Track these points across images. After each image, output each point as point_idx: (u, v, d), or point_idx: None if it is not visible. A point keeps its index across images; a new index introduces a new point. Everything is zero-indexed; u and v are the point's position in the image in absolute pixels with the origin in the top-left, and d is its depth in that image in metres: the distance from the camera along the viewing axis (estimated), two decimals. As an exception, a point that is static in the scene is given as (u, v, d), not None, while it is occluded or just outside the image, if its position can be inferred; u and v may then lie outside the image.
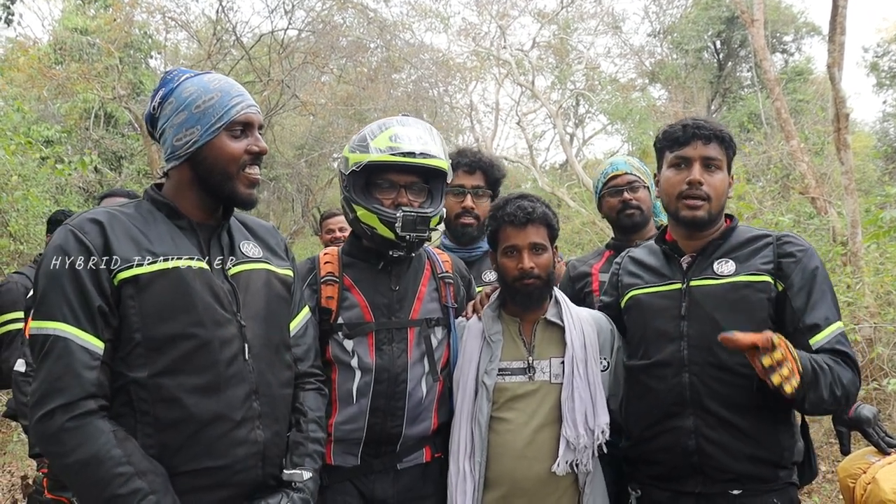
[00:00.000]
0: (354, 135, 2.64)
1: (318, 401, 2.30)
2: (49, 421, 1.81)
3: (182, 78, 2.10)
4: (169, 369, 1.91)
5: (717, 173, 2.46)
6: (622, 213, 3.36)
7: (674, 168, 2.50)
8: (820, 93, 19.60)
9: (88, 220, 1.96)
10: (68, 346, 1.84)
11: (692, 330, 2.45)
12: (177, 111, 2.06)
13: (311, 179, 20.72)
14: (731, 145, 2.51)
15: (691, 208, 2.45)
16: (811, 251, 2.44)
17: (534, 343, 2.62)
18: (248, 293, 2.10)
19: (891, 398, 6.42)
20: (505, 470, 2.52)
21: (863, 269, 7.71)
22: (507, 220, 2.59)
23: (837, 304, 2.43)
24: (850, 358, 2.31)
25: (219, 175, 2.06)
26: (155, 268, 1.94)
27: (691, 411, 2.41)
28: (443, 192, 2.68)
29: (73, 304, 1.86)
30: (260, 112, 2.15)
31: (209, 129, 2.02)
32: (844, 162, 8.46)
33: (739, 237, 2.53)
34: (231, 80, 2.15)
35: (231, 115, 2.04)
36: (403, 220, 2.49)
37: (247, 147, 2.07)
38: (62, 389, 1.81)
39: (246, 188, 2.09)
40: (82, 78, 14.13)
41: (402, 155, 2.49)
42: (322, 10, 16.84)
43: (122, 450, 1.83)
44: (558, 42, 24.10)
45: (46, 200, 11.18)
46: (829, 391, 2.19)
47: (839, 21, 8.56)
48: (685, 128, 2.47)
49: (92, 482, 1.81)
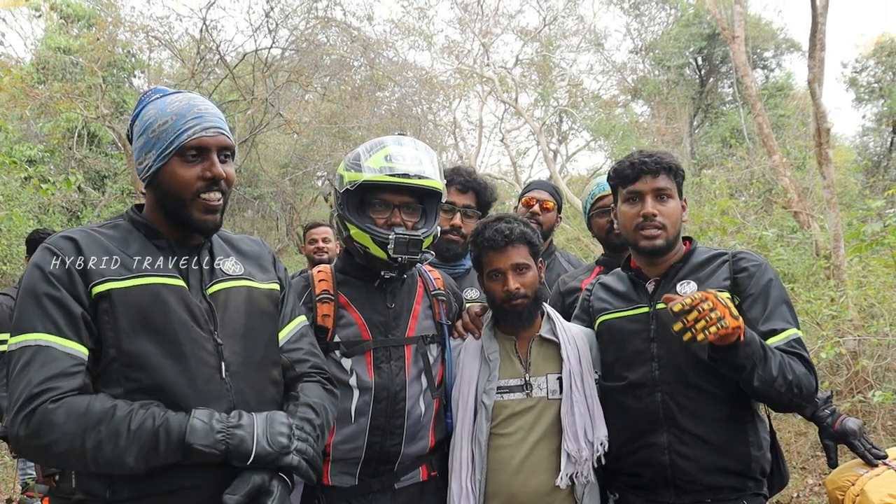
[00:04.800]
0: (347, 152, 2.63)
1: (317, 390, 2.21)
2: (33, 416, 1.75)
3: (151, 99, 2.09)
4: (144, 387, 1.88)
5: (668, 202, 2.59)
6: (611, 233, 3.42)
7: (628, 203, 2.63)
8: (800, 108, 19.84)
9: (63, 237, 1.95)
10: (51, 354, 1.81)
11: (662, 351, 2.54)
12: (139, 134, 2.05)
13: (295, 198, 20.73)
14: (678, 173, 2.63)
15: (649, 238, 2.57)
16: (765, 265, 2.56)
17: (530, 360, 2.65)
18: (226, 311, 2.08)
19: (875, 410, 6.45)
20: (502, 484, 2.54)
21: (846, 282, 7.77)
22: (487, 244, 2.62)
23: (794, 314, 2.53)
24: (805, 360, 2.40)
25: (173, 201, 2.02)
26: (131, 283, 1.92)
27: (665, 428, 2.51)
28: (437, 211, 2.67)
29: (52, 315, 1.84)
30: (222, 133, 2.07)
31: (161, 154, 1.99)
32: (826, 176, 8.55)
33: (698, 258, 2.65)
34: (196, 100, 2.09)
35: (181, 140, 1.98)
36: (396, 242, 2.48)
37: (200, 173, 2.01)
38: (51, 389, 1.77)
39: (202, 214, 2.03)
40: (65, 97, 14.10)
41: (396, 176, 2.48)
42: (306, 29, 16.89)
43: (111, 399, 1.81)
44: (541, 59, 24.27)
45: (30, 220, 11.12)
46: (778, 371, 2.28)
47: (819, 37, 8.67)
48: (633, 165, 2.60)
49: (107, 436, 1.76)
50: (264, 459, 1.86)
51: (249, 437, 1.86)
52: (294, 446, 1.92)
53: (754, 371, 2.25)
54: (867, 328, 7.10)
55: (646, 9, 26.07)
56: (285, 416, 1.97)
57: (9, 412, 1.80)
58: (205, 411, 1.87)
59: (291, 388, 2.20)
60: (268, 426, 1.90)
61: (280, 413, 1.98)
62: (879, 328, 6.87)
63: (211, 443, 1.82)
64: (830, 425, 2.76)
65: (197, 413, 1.85)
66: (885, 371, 6.91)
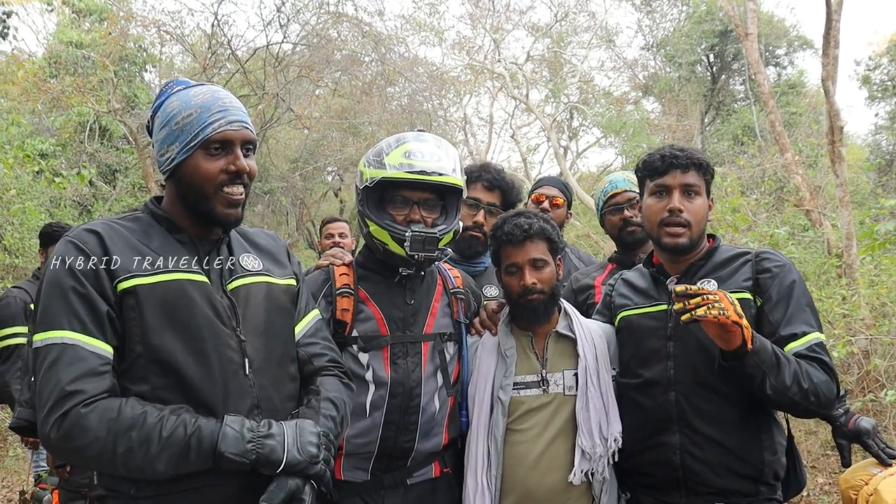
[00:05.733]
0: (358, 147, 2.65)
1: (336, 384, 2.22)
2: (65, 419, 1.75)
3: (173, 91, 2.08)
4: (170, 384, 1.89)
5: (696, 199, 2.55)
6: (623, 231, 3.43)
7: (655, 196, 2.59)
8: (813, 106, 19.73)
9: (86, 230, 1.94)
10: (78, 353, 1.80)
11: (678, 349, 2.53)
12: (161, 126, 2.03)
13: (305, 193, 20.72)
14: (708, 171, 2.59)
15: (673, 235, 2.53)
16: (788, 266, 2.52)
17: (546, 356, 2.65)
18: (247, 307, 2.08)
19: (888, 409, 6.43)
20: (518, 480, 2.54)
21: (858, 281, 7.74)
22: (505, 239, 2.62)
23: (818, 317, 2.50)
24: (826, 365, 2.37)
25: (195, 194, 2.02)
26: (156, 279, 1.92)
27: (677, 428, 2.49)
28: (458, 207, 2.67)
29: (78, 312, 1.83)
30: (246, 127, 2.06)
31: (185, 147, 1.98)
32: (839, 174, 8.51)
33: (721, 257, 2.61)
34: (220, 93, 2.08)
35: (206, 133, 1.97)
36: (412, 240, 2.49)
37: (224, 166, 2.01)
38: (82, 391, 1.77)
39: (224, 208, 2.03)
40: (77, 91, 14.11)
41: (415, 172, 2.48)
42: (317, 24, 16.87)
43: (142, 404, 1.82)
44: (552, 55, 24.20)
45: (41, 214, 11.17)
46: (793, 380, 2.26)
47: (833, 35, 8.62)
48: (663, 157, 2.56)
49: (138, 442, 1.76)
50: (294, 468, 1.86)
51: (280, 446, 1.86)
52: (322, 455, 1.92)
53: (765, 380, 2.24)
54: (879, 327, 7.07)
55: (657, 5, 25.95)
56: (313, 425, 1.96)
57: (39, 412, 1.80)
58: (236, 419, 1.88)
59: (310, 381, 2.20)
60: (298, 435, 1.90)
61: (308, 422, 1.97)
62: (891, 327, 6.85)
63: (242, 451, 1.83)
64: (844, 424, 2.74)
65: (228, 420, 1.86)
66: (897, 370, 6.89)
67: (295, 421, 1.95)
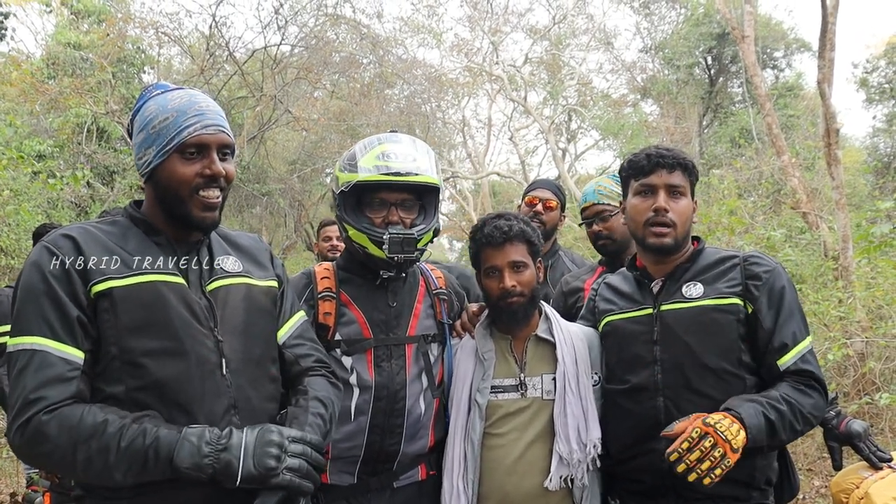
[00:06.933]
0: (346, 151, 2.63)
1: (324, 384, 2.20)
2: (27, 426, 1.76)
3: (151, 95, 2.08)
4: (145, 385, 1.88)
5: (681, 200, 2.52)
6: (596, 244, 3.46)
7: (639, 196, 2.55)
8: (810, 108, 19.76)
9: (62, 235, 1.94)
10: (46, 359, 1.80)
11: (665, 354, 2.49)
12: (139, 130, 2.04)
13: (303, 194, 20.74)
14: (693, 172, 2.57)
15: (658, 235, 2.50)
16: (777, 270, 2.50)
17: (525, 360, 2.62)
18: (226, 308, 2.07)
19: (883, 412, 6.43)
20: (495, 484, 2.52)
21: (854, 283, 7.74)
22: (485, 241, 2.59)
23: (805, 319, 2.49)
24: (815, 377, 2.36)
25: (171, 197, 2.01)
26: (131, 281, 1.92)
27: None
28: (436, 206, 2.66)
29: (49, 318, 1.83)
30: (223, 131, 2.05)
31: (161, 150, 1.98)
32: (835, 177, 8.51)
33: (707, 259, 2.58)
34: (197, 97, 2.08)
35: (182, 137, 1.97)
36: (390, 242, 2.48)
37: (199, 170, 2.00)
38: (44, 398, 1.77)
39: (200, 211, 2.02)
40: (75, 92, 14.13)
41: (390, 174, 2.47)
42: (315, 26, 16.92)
43: (104, 412, 1.80)
44: (550, 58, 24.25)
45: (38, 215, 11.16)
46: (789, 432, 2.28)
47: (829, 38, 8.63)
48: (649, 157, 2.53)
49: (97, 451, 1.76)
50: (252, 482, 1.82)
51: (236, 460, 1.81)
52: (284, 465, 1.84)
53: (766, 448, 2.28)
54: (875, 330, 7.07)
55: (655, 8, 26.00)
56: (278, 434, 1.89)
57: (8, 417, 1.82)
58: (196, 430, 1.84)
59: (298, 382, 2.19)
60: (257, 446, 1.84)
61: (273, 429, 1.90)
62: (887, 330, 6.84)
63: (197, 466, 1.79)
64: (835, 427, 2.72)
65: (188, 433, 1.82)
66: (893, 373, 6.89)
67: (259, 429, 1.89)
